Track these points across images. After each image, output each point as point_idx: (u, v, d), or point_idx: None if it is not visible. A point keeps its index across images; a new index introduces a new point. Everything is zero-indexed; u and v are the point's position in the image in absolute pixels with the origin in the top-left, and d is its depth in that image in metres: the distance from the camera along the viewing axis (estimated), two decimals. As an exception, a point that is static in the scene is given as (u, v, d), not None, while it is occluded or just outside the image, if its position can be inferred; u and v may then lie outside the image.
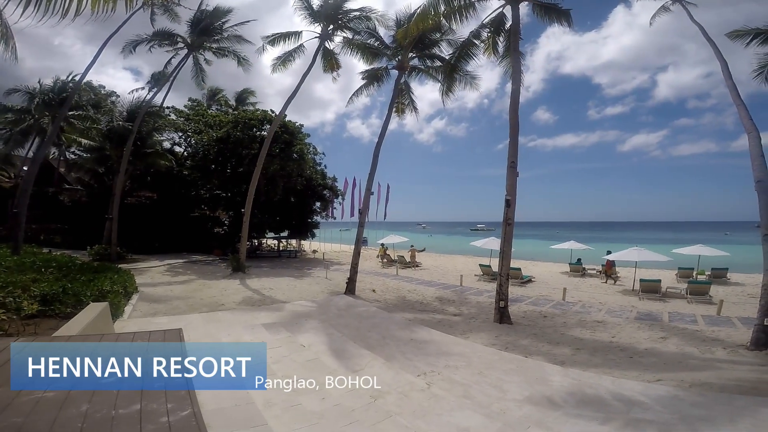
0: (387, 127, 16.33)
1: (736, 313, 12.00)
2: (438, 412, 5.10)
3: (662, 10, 14.14)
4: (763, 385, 6.27)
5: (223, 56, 22.85)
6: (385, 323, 10.10)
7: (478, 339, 9.17)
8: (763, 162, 9.48)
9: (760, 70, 12.12)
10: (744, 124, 10.13)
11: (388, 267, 24.23)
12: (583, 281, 19.50)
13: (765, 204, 9.12)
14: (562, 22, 12.62)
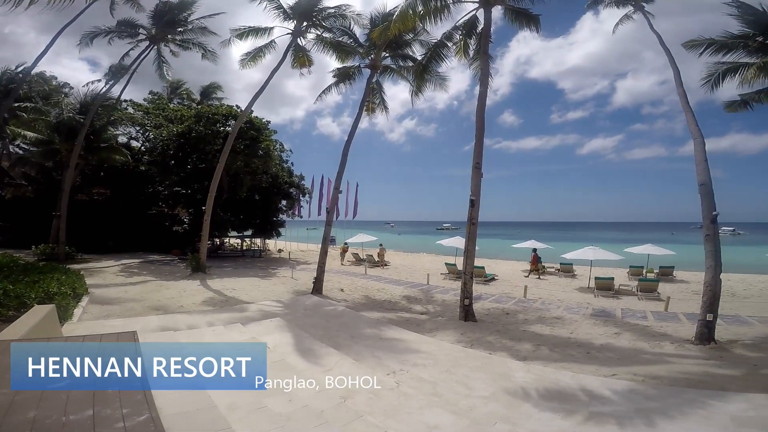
0: (357, 126, 16.29)
1: (681, 309, 12.79)
2: (408, 411, 5.13)
3: (625, 19, 14.80)
4: (709, 378, 6.73)
5: (188, 49, 21.90)
6: (353, 322, 10.06)
7: (444, 337, 9.31)
8: (707, 166, 10.15)
9: (708, 79, 12.97)
10: (691, 130, 10.80)
11: (356, 266, 24.15)
12: (543, 279, 20.28)
13: (707, 206, 9.80)
14: (531, 27, 12.98)
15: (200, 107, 27.01)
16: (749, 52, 12.11)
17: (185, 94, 32.80)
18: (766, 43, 11.82)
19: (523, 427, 4.69)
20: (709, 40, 12.45)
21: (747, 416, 4.81)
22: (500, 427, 4.71)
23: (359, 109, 16.42)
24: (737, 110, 13.89)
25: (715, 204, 9.84)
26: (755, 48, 11.94)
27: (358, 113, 16.35)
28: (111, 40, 21.06)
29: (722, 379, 6.69)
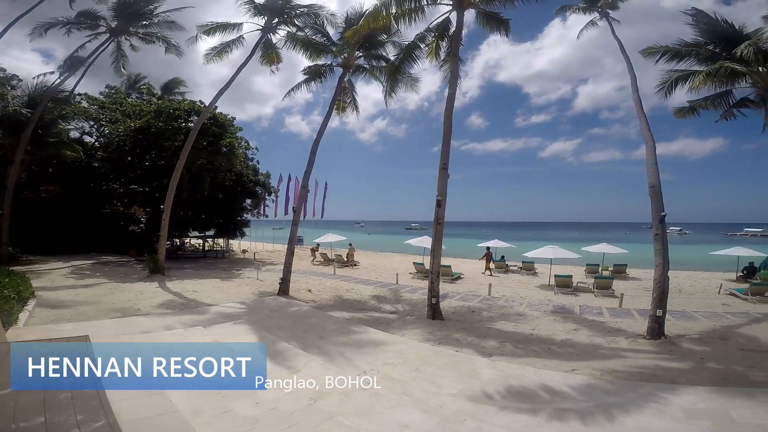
0: (326, 125, 16.13)
1: (634, 305, 13.46)
2: (379, 411, 5.13)
3: (590, 25, 15.44)
4: (661, 371, 7.13)
5: (151, 43, 20.81)
6: (322, 323, 9.95)
7: (413, 336, 9.39)
8: (657, 169, 10.78)
9: (661, 86, 13.76)
10: (644, 134, 11.42)
11: (325, 266, 23.90)
12: (507, 277, 20.93)
13: (656, 207, 10.40)
14: (501, 32, 13.18)
15: (161, 102, 25.79)
16: (699, 60, 12.96)
17: (145, 89, 31.19)
18: (716, 52, 12.72)
19: (490, 424, 4.80)
20: (664, 47, 13.22)
21: (697, 408, 5.12)
22: (469, 424, 4.80)
23: (329, 107, 16.26)
24: (686, 116, 14.86)
25: (663, 205, 10.40)
26: (705, 56, 12.81)
27: (328, 112, 16.18)
28: (69, 31, 19.75)
29: (673, 372, 7.10)
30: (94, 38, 20.57)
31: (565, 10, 15.79)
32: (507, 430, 4.64)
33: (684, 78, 13.13)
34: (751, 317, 11.74)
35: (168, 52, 20.56)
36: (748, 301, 14.10)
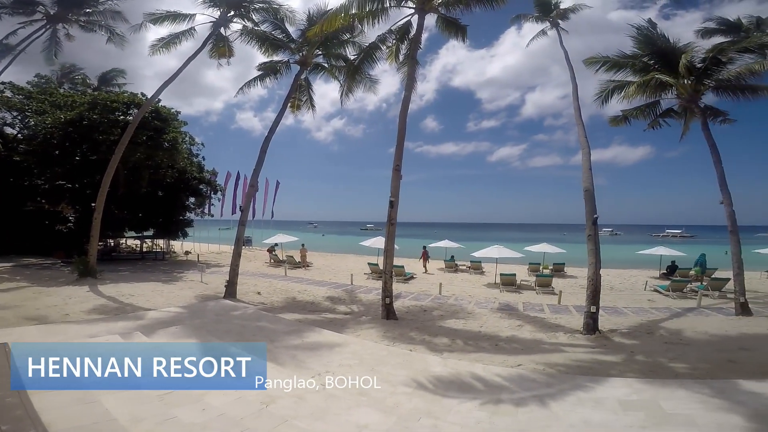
0: (279, 122, 15.71)
1: (572, 302, 14.27)
2: (336, 412, 5.07)
3: (541, 34, 16.31)
4: (596, 365, 7.66)
5: (92, 31, 19.04)
6: (272, 326, 9.65)
7: (368, 336, 9.39)
8: (591, 174, 11.57)
9: (599, 95, 14.84)
10: (580, 141, 12.20)
11: (276, 268, 23.20)
12: (456, 276, 21.57)
13: (590, 209, 11.16)
14: (458, 37, 13.51)
15: (96, 94, 23.69)
16: (635, 71, 14.19)
17: (80, 80, 28.53)
18: (649, 64, 13.98)
19: (445, 421, 4.90)
20: (605, 58, 14.32)
21: (631, 400, 5.52)
22: (424, 422, 4.87)
23: (283, 105, 15.88)
24: (619, 124, 16.20)
25: (596, 207, 11.17)
26: (639, 68, 14.04)
27: (281, 109, 15.80)
28: (0, 16, 17.65)
29: (607, 365, 7.65)
30: (29, 24, 18.60)
31: (521, 18, 16.63)
32: (461, 427, 4.75)
33: (620, 88, 14.31)
34: (673, 312, 12.92)
35: (110, 42, 18.97)
36: (670, 297, 15.51)
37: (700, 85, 13.45)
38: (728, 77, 12.89)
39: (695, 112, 13.78)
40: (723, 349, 8.55)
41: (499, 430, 4.65)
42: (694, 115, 14.09)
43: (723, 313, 12.60)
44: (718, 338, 9.59)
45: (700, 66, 13.13)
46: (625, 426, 4.73)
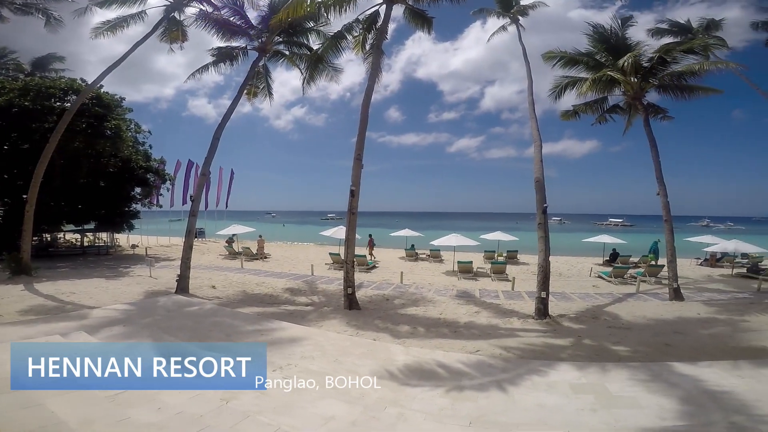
0: (234, 109, 14.99)
1: (525, 288, 14.87)
2: (301, 405, 4.99)
3: (501, 29, 16.64)
4: (548, 349, 8.09)
5: (29, 14, 16.95)
6: (229, 320, 9.30)
7: (330, 327, 9.33)
8: (542, 166, 12.06)
9: (554, 89, 15.49)
10: (533, 134, 12.66)
11: (232, 260, 22.39)
12: (417, 264, 21.93)
13: (540, 199, 11.65)
14: (424, 29, 13.61)
15: (29, 79, 21.38)
16: (588, 68, 14.91)
17: (12, 65, 25.53)
18: (601, 61, 14.72)
19: (410, 409, 4.97)
20: (562, 53, 14.94)
21: (581, 383, 5.85)
22: (390, 411, 4.91)
23: (238, 92, 15.15)
24: (570, 119, 17.02)
25: (546, 197, 11.68)
26: (592, 65, 14.77)
27: (236, 96, 15.08)
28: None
29: (557, 348, 8.10)
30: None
31: (483, 12, 16.91)
32: (425, 414, 4.84)
33: (573, 83, 15.01)
34: (615, 297, 13.80)
35: (48, 26, 17.05)
36: (612, 283, 16.59)
37: (646, 83, 14.40)
38: (671, 76, 13.87)
39: (639, 108, 14.73)
40: (659, 333, 9.25)
41: (461, 416, 4.78)
42: (637, 112, 15.05)
43: (659, 298, 13.60)
44: (654, 322, 10.32)
45: (647, 65, 14.03)
46: (576, 409, 4.99)
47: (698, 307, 11.95)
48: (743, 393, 5.23)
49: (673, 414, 4.79)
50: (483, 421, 4.66)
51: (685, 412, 4.82)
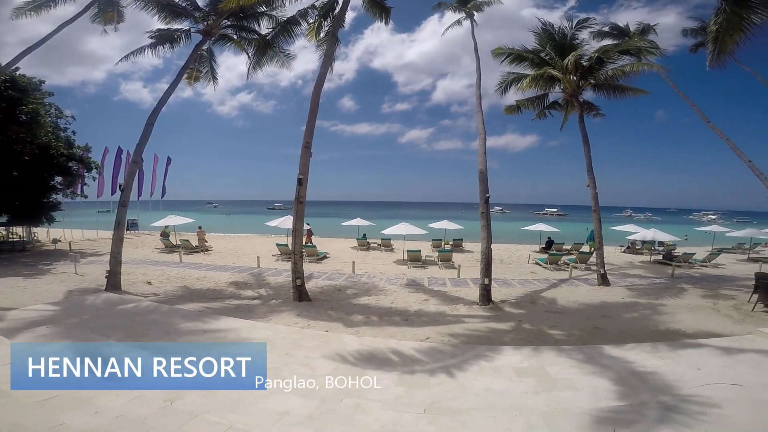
0: (171, 93, 13.78)
1: (470, 275, 15.45)
2: (251, 402, 4.81)
3: (457, 24, 16.91)
4: (492, 334, 8.48)
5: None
6: (168, 318, 8.73)
7: (280, 320, 9.10)
8: (485, 158, 12.54)
9: (500, 85, 16.13)
10: (478, 127, 13.12)
11: (169, 254, 20.97)
12: (368, 254, 22.00)
13: (482, 189, 12.15)
14: (382, 18, 13.49)
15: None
16: (532, 65, 15.65)
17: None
18: (546, 59, 15.48)
19: (367, 399, 4.98)
20: (510, 49, 15.57)
21: (523, 367, 6.18)
22: (347, 402, 4.89)
23: (177, 75, 14.00)
24: (513, 113, 17.85)
25: (488, 188, 12.20)
26: (537, 62, 15.51)
27: (174, 80, 13.91)
28: None
29: (500, 333, 8.53)
30: None
31: (442, 6, 17.08)
32: (382, 403, 4.88)
33: (517, 80, 15.75)
34: (551, 282, 14.77)
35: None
36: (548, 269, 17.81)
37: (583, 81, 15.44)
38: (606, 76, 14.94)
39: (575, 105, 15.78)
40: (590, 317, 10.03)
41: (416, 403, 4.87)
42: (573, 109, 16.11)
43: (588, 283, 14.75)
44: (585, 307, 11.19)
45: (586, 64, 15.00)
46: (521, 392, 5.28)
47: (622, 292, 13.17)
48: (665, 374, 5.77)
49: (608, 395, 5.18)
50: (437, 408, 4.79)
51: (619, 393, 5.22)
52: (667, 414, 4.56)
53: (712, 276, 16.70)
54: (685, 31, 19.35)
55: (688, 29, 19.24)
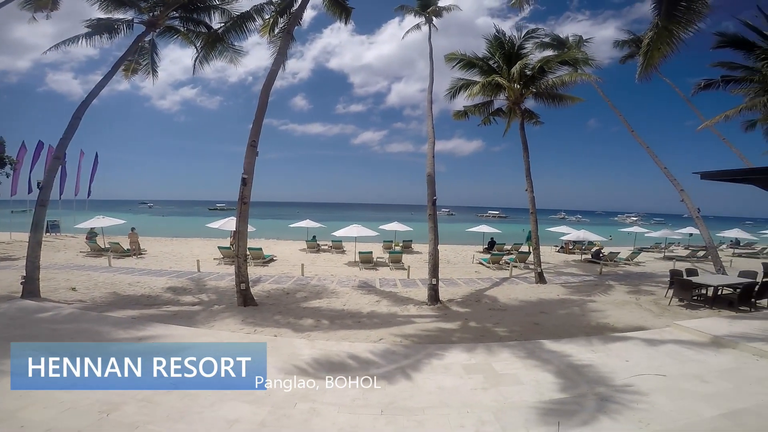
0: (104, 85, 12.52)
1: (419, 276, 15.68)
2: (198, 410, 4.51)
3: (416, 28, 17.17)
4: (441, 333, 8.68)
5: None
6: (96, 325, 7.94)
7: (224, 326, 8.65)
8: (433, 161, 12.89)
9: (450, 90, 16.65)
10: (428, 131, 13.46)
11: (97, 258, 19.13)
12: (318, 256, 21.61)
13: (430, 192, 12.49)
14: (342, 18, 13.37)
15: None
16: (481, 72, 16.29)
17: None
18: (494, 67, 16.18)
19: (322, 402, 4.86)
20: (461, 55, 16.11)
21: (471, 364, 6.34)
22: (302, 407, 4.74)
23: (113, 66, 12.82)
24: (461, 119, 18.52)
25: (436, 191, 12.56)
26: (486, 69, 16.16)
27: (110, 72, 12.71)
28: None
29: (449, 332, 8.76)
30: None
31: (403, 10, 17.30)
32: (336, 406, 4.79)
33: (466, 86, 16.36)
34: (493, 281, 15.46)
35: None
36: (491, 269, 18.60)
37: (526, 89, 16.36)
38: (546, 85, 15.95)
39: (517, 113, 16.71)
40: (529, 314, 10.63)
41: (373, 405, 4.83)
42: (516, 116, 17.05)
43: (527, 281, 15.62)
44: (525, 304, 11.83)
45: (530, 73, 15.91)
46: (471, 389, 5.42)
47: (557, 289, 14.10)
48: (599, 366, 6.19)
49: (550, 387, 5.46)
50: (393, 408, 4.79)
51: (559, 386, 5.52)
52: (604, 404, 4.88)
53: (635, 273, 18.39)
54: (617, 43, 21.22)
55: (620, 41, 21.13)
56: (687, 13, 8.04)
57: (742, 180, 9.45)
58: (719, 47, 14.63)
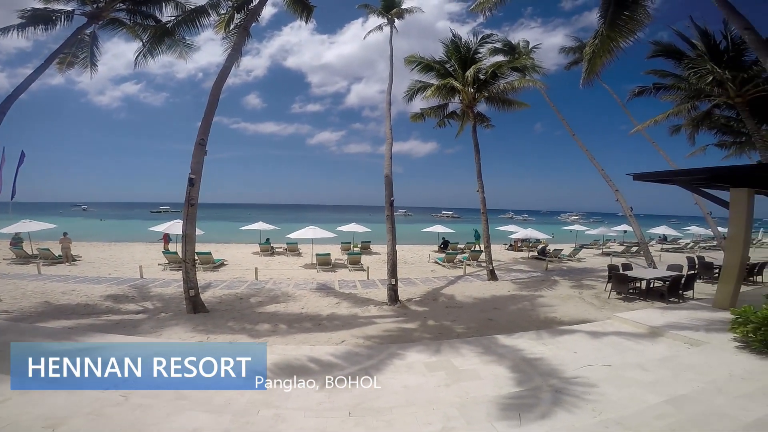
0: (35, 79, 11.38)
1: (378, 276, 15.78)
2: (153, 423, 4.23)
3: (378, 29, 17.16)
4: (401, 332, 8.75)
5: None
6: (28, 337, 7.17)
7: (172, 335, 8.16)
8: (391, 162, 13.06)
9: (407, 92, 16.89)
10: (386, 132, 13.63)
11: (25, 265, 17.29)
12: (273, 259, 21.02)
13: (388, 193, 12.64)
14: (303, 16, 13.14)
15: None
16: (439, 75, 16.66)
17: None
18: (450, 71, 16.57)
19: (286, 408, 4.73)
20: (420, 58, 16.39)
21: (432, 362, 6.45)
22: (265, 413, 4.58)
23: (47, 60, 11.69)
24: (417, 121, 18.86)
25: (393, 192, 12.72)
26: (443, 72, 16.53)
27: (42, 65, 11.58)
28: None
29: (409, 331, 8.85)
30: None
31: (366, 9, 17.19)
32: (302, 410, 4.68)
33: (423, 88, 16.71)
34: (449, 280, 15.85)
35: None
36: (446, 267, 19.10)
37: (479, 93, 16.94)
38: (498, 90, 16.61)
39: (470, 116, 17.28)
40: (484, 310, 11.00)
41: (340, 407, 4.78)
42: (468, 119, 17.62)
43: (480, 278, 16.18)
44: (479, 301, 12.22)
45: (483, 77, 16.49)
46: (434, 386, 5.51)
47: (508, 286, 14.73)
48: (550, 359, 6.51)
49: (507, 382, 5.66)
50: (361, 409, 4.76)
51: (515, 379, 5.74)
52: (559, 396, 5.12)
53: (577, 269, 19.66)
54: (563, 49, 22.55)
55: (566, 48, 22.46)
56: (629, 22, 8.73)
57: (667, 181, 10.41)
58: (654, 56, 15.92)
